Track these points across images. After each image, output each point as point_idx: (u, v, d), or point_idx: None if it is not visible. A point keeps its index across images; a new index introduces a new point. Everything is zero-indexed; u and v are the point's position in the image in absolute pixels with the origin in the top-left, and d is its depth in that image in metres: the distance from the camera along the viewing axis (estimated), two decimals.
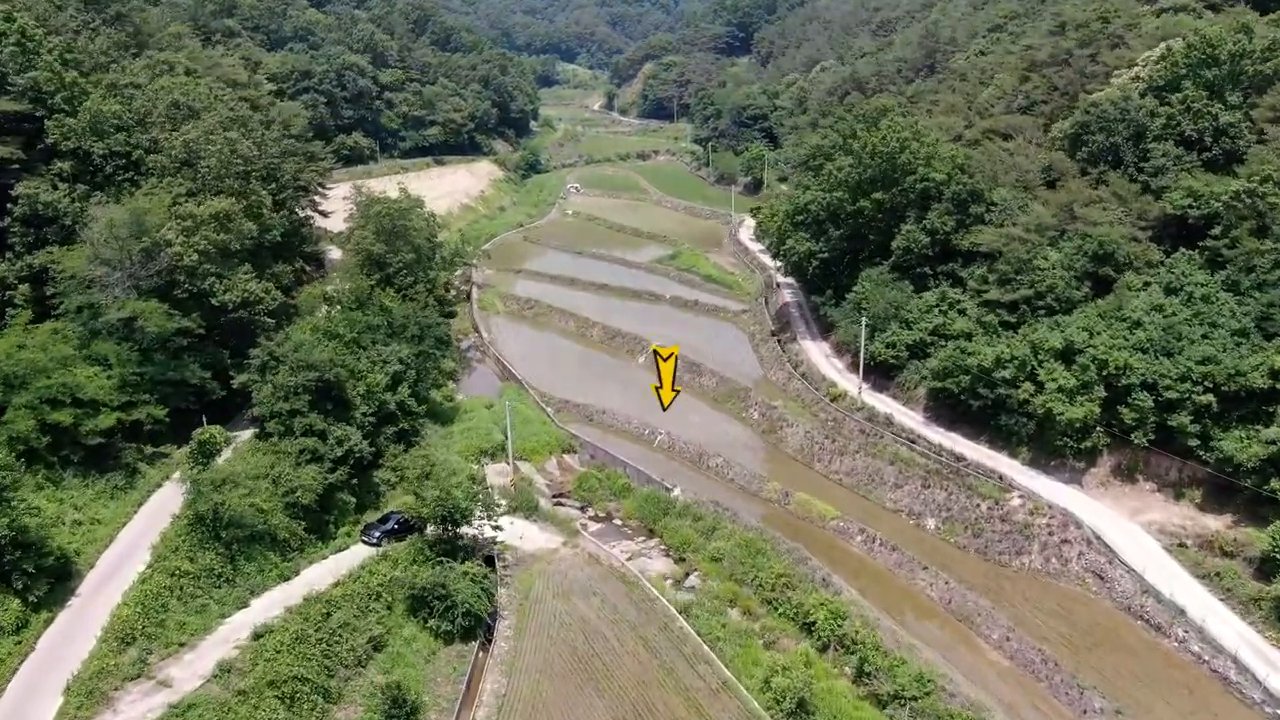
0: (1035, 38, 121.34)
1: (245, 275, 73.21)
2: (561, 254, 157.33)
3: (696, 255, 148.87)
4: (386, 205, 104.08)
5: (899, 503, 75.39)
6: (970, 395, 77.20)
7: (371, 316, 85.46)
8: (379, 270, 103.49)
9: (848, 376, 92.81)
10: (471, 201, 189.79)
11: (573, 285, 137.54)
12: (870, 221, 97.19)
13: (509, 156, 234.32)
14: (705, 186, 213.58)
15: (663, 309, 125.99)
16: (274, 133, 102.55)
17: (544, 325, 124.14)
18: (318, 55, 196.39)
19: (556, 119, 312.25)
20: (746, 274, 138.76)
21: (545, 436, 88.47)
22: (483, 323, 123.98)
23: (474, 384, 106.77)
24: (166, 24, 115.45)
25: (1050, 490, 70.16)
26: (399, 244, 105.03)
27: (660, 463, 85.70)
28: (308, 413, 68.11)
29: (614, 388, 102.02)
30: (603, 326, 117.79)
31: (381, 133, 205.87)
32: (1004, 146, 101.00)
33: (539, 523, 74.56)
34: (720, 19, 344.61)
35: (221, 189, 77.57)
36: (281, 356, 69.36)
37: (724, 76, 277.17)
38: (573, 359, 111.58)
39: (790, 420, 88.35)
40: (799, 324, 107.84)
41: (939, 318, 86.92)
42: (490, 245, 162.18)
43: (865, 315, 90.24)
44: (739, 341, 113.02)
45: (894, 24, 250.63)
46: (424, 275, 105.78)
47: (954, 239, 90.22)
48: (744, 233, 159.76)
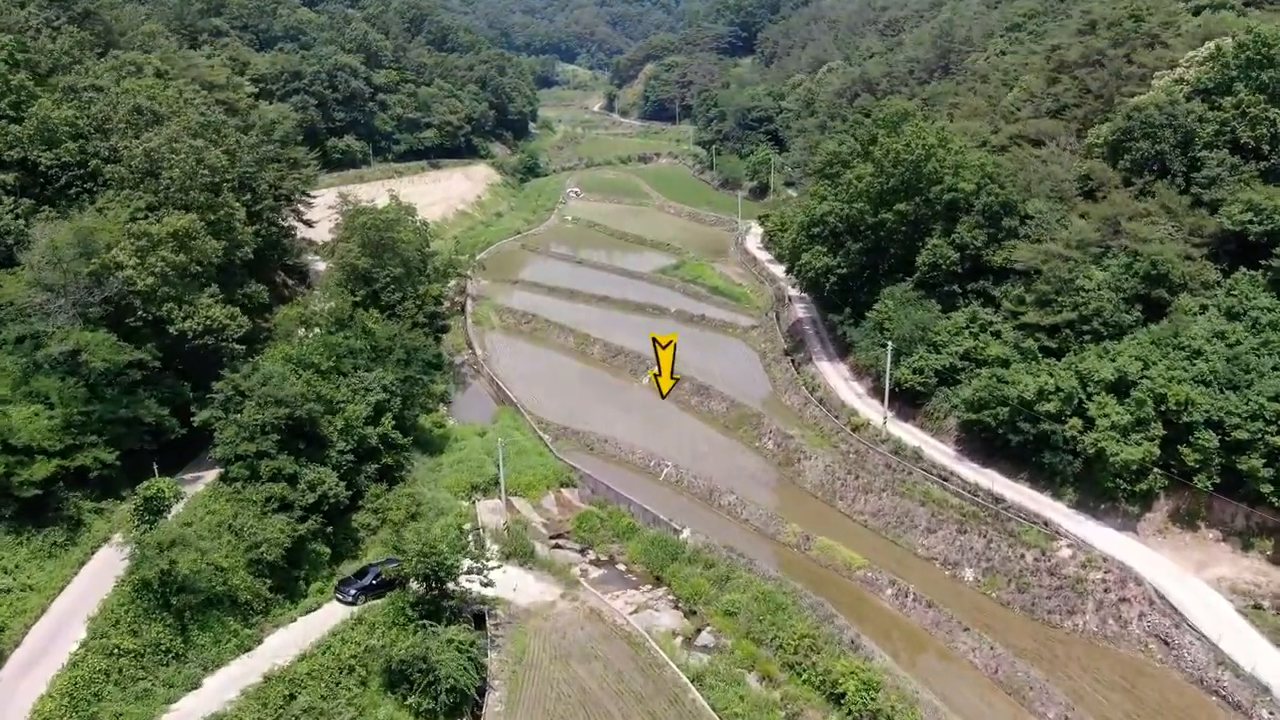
0: (1063, 37, 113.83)
1: (209, 299, 65.75)
2: (560, 263, 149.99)
3: (702, 265, 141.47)
4: (373, 216, 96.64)
5: (932, 549, 68.00)
6: (1009, 429, 69.83)
7: (353, 339, 78.13)
8: (365, 286, 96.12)
9: (869, 403, 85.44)
10: (467, 207, 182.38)
11: (572, 297, 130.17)
12: (891, 234, 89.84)
13: (507, 160, 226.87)
14: (709, 191, 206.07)
15: (667, 324, 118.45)
16: (252, 138, 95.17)
17: (542, 341, 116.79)
18: (309, 55, 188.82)
19: (556, 120, 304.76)
20: (755, 286, 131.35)
21: (542, 469, 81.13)
22: (477, 338, 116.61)
23: (467, 406, 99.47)
24: (140, 22, 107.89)
25: (1102, 538, 62.79)
26: (387, 256, 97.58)
27: (667, 498, 78.41)
28: (276, 454, 60.76)
29: (616, 412, 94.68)
30: (604, 343, 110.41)
31: (375, 135, 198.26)
32: (1035, 154, 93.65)
33: (535, 571, 67.22)
34: (723, 19, 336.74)
35: (186, 203, 70.19)
36: (248, 391, 61.99)
37: (727, 77, 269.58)
38: (572, 379, 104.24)
39: (808, 452, 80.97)
40: (814, 342, 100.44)
41: (970, 340, 79.63)
42: (486, 254, 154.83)
43: (889, 337, 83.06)
44: (749, 361, 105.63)
45: (902, 24, 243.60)
46: (413, 290, 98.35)
47: (985, 255, 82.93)
48: (751, 241, 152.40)
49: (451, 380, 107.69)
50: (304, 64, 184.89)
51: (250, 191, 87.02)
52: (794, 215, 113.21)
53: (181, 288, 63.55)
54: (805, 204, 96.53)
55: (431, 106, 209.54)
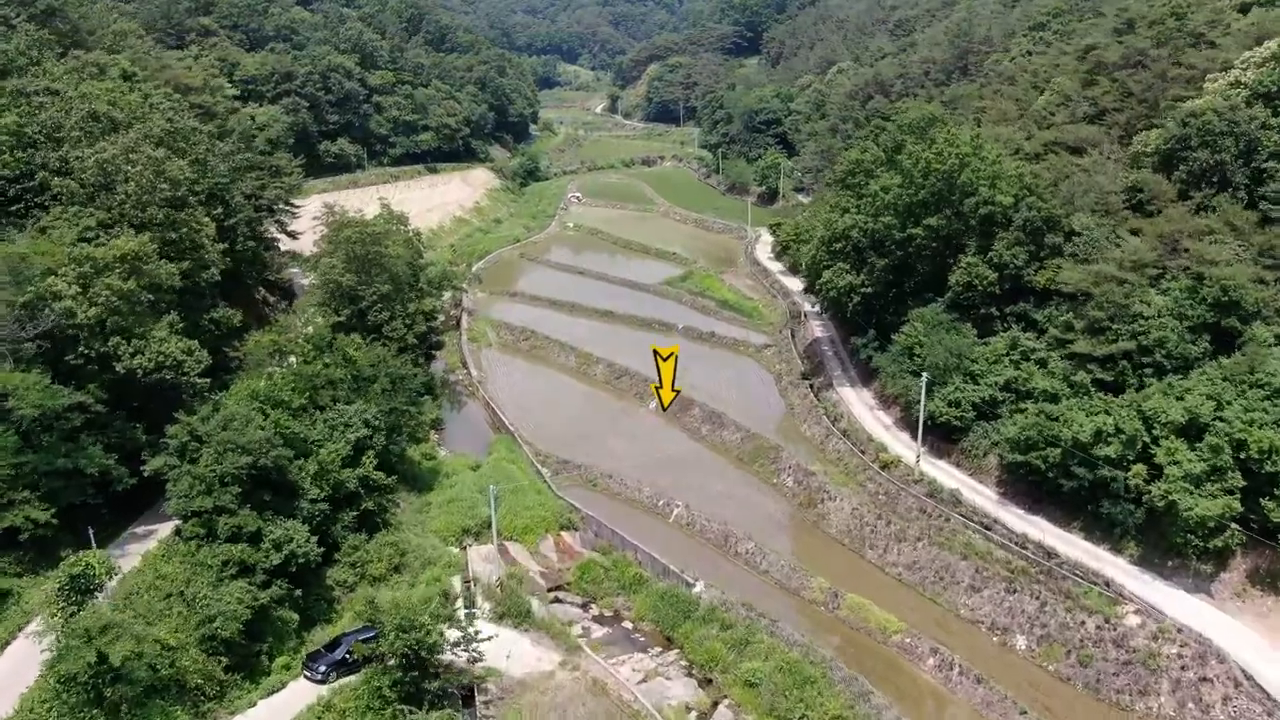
0: (1097, 36, 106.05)
1: (166, 330, 58.10)
2: (561, 273, 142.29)
3: (710, 277, 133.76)
4: (358, 229, 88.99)
5: (978, 611, 60.29)
6: (1061, 474, 62.17)
7: (333, 368, 70.61)
8: (350, 304, 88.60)
9: (898, 436, 77.81)
10: (465, 214, 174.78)
11: (573, 312, 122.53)
12: (920, 251, 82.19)
13: (506, 163, 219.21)
14: (716, 195, 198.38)
15: (675, 341, 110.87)
16: (227, 145, 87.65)
17: (541, 359, 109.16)
18: (301, 56, 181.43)
19: (557, 122, 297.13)
20: (767, 299, 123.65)
21: (540, 510, 73.47)
22: (472, 357, 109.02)
23: (461, 433, 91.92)
24: (111, 21, 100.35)
25: (1173, 603, 55.10)
26: (374, 272, 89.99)
27: (678, 543, 70.82)
28: (237, 509, 53.21)
29: (621, 441, 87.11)
30: (607, 364, 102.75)
31: (370, 139, 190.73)
32: (1076, 162, 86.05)
33: (531, 633, 59.67)
34: (727, 18, 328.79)
35: (143, 220, 62.66)
36: (205, 436, 54.44)
37: (733, 78, 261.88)
38: (573, 403, 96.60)
39: (832, 492, 73.30)
40: (834, 365, 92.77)
41: (1010, 370, 71.99)
42: (484, 263, 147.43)
43: (920, 364, 75.45)
44: (764, 384, 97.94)
45: (913, 23, 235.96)
46: (403, 309, 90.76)
47: (1026, 275, 75.35)
48: (761, 250, 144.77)
49: (446, 399, 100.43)
50: (296, 65, 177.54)
51: (223, 204, 79.46)
52: (812, 227, 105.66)
53: (132, 319, 55.92)
54: (826, 217, 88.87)
55: (429, 108, 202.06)
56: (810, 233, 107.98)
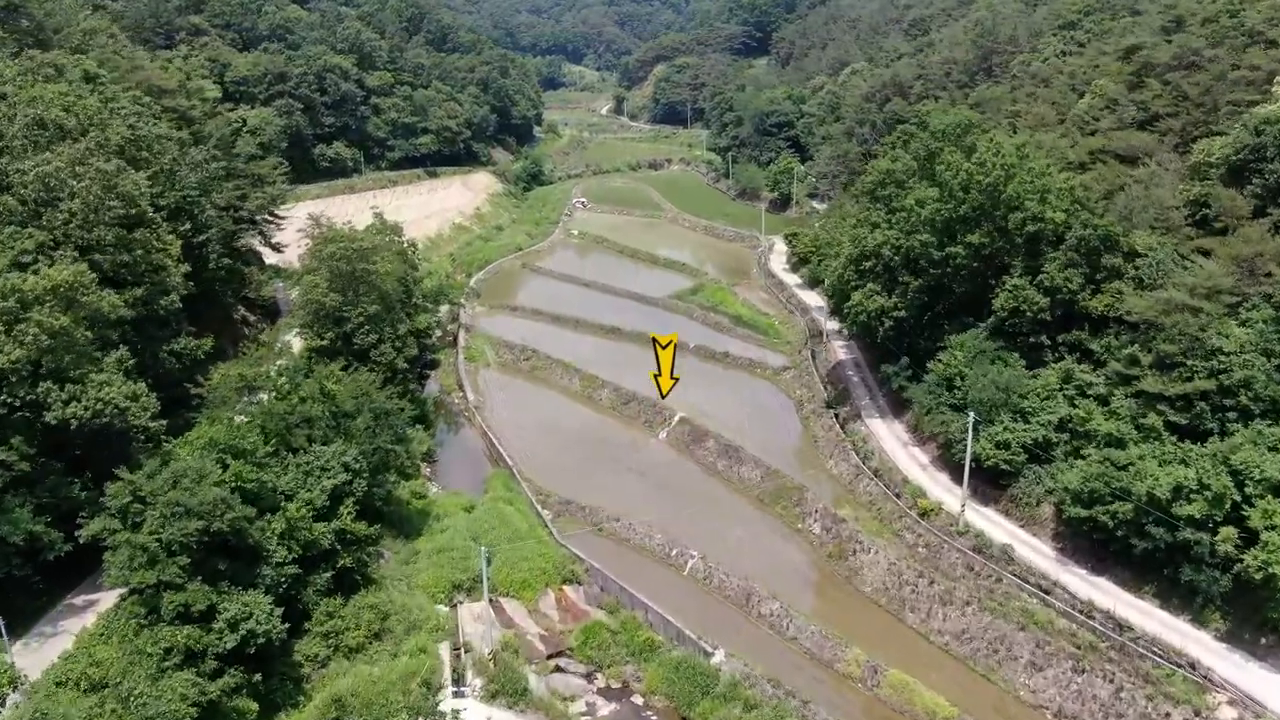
0: (1143, 35, 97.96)
1: (111, 370, 50.45)
2: (564, 285, 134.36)
3: (723, 289, 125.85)
4: (343, 246, 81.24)
5: (1041, 694, 52.38)
6: (1132, 533, 54.34)
7: (310, 405, 62.93)
8: (334, 327, 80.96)
9: (936, 477, 69.92)
10: (465, 220, 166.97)
11: (577, 328, 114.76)
12: (958, 271, 74.28)
13: (509, 166, 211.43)
14: (725, 201, 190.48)
15: (686, 362, 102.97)
16: (200, 154, 79.98)
17: (543, 381, 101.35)
18: (295, 56, 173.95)
19: (562, 123, 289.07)
20: (784, 315, 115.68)
21: (540, 560, 65.58)
22: (469, 378, 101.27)
23: (456, 465, 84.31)
24: (80, 19, 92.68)
25: (1274, 692, 47.31)
26: (362, 290, 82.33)
27: (694, 601, 63.03)
28: (185, 583, 45.57)
29: (629, 478, 79.35)
30: (614, 388, 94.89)
31: (367, 142, 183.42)
32: (1128, 173, 78.18)
33: (528, 714, 52.17)
34: (736, 18, 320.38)
35: (89, 242, 55.04)
36: (150, 496, 46.80)
37: (742, 79, 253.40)
38: (577, 432, 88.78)
39: (865, 543, 65.40)
40: (860, 393, 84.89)
41: (1065, 406, 64.15)
42: (485, 274, 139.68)
43: (961, 398, 67.68)
44: (784, 411, 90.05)
45: (928, 23, 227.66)
46: (392, 331, 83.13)
47: (1081, 300, 67.49)
48: (776, 260, 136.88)
49: (440, 425, 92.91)
50: (290, 65, 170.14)
51: (191, 219, 71.82)
52: (834, 241, 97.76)
53: (68, 359, 48.24)
54: (853, 232, 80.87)
55: (429, 110, 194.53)
56: (833, 247, 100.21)
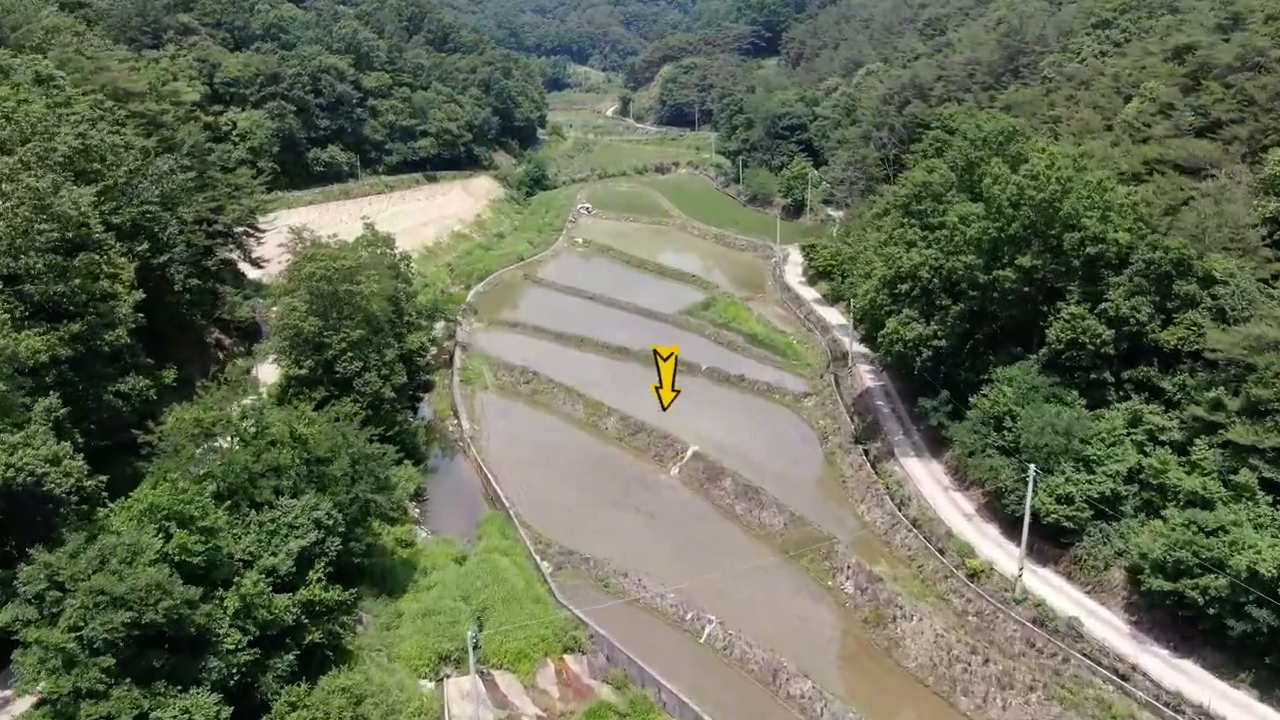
0: (1196, 33, 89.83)
1: (31, 426, 42.74)
2: (568, 298, 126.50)
3: (736, 304, 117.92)
4: (324, 265, 73.41)
5: None
6: (1228, 612, 46.42)
7: (279, 451, 55.19)
8: (314, 354, 73.24)
9: (984, 530, 61.96)
10: (465, 227, 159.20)
11: (581, 346, 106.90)
12: (1005, 296, 66.27)
13: (511, 171, 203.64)
14: (736, 207, 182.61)
15: (699, 385, 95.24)
16: (167, 163, 72.23)
17: (544, 406, 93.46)
18: (289, 56, 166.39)
19: (566, 125, 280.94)
20: (802, 334, 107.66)
21: (538, 626, 57.74)
22: (464, 403, 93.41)
23: (447, 504, 76.55)
24: (41, 16, 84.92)
25: None
26: (345, 313, 74.62)
27: (713, 676, 55.09)
28: (109, 688, 37.87)
29: (638, 523, 71.47)
30: (621, 415, 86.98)
31: (364, 145, 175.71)
32: (1193, 186, 70.23)
33: None
34: (744, 18, 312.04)
35: (16, 271, 47.36)
36: (70, 581, 39.10)
37: (751, 80, 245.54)
38: (580, 466, 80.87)
39: (907, 608, 57.43)
40: (892, 426, 76.92)
41: (1135, 454, 56.24)
42: (483, 285, 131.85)
43: (1013, 440, 59.87)
44: (807, 445, 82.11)
45: (944, 22, 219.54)
46: (378, 358, 75.36)
47: (1149, 332, 59.51)
48: (791, 272, 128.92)
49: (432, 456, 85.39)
50: (283, 65, 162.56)
51: (150, 238, 64.11)
52: (857, 255, 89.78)
53: None
54: (888, 251, 72.84)
55: (428, 112, 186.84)
56: (857, 262, 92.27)
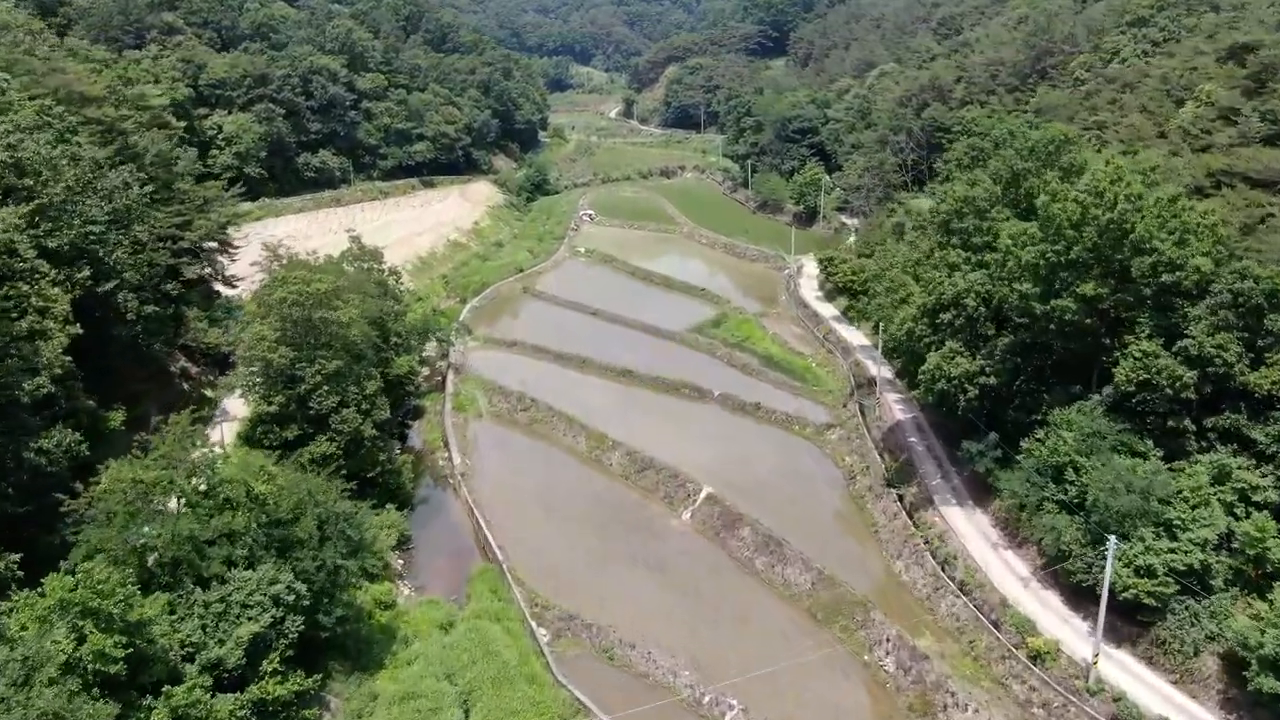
0: (1256, 31, 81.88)
1: None
2: (569, 313, 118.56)
3: (749, 321, 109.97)
4: (298, 289, 65.49)
5: None
6: None
7: (234, 515, 47.40)
8: (286, 388, 65.42)
9: (1044, 598, 53.89)
10: (462, 236, 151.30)
11: (584, 368, 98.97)
12: (1063, 328, 58.19)
13: (511, 175, 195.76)
14: (745, 214, 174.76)
15: (710, 413, 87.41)
16: (120, 176, 64.35)
17: (543, 437, 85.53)
18: (279, 57, 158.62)
19: (569, 127, 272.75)
20: (822, 355, 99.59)
21: (533, 713, 49.90)
22: (456, 433, 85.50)
23: (434, 554, 68.71)
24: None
25: None
26: (321, 341, 66.82)
27: None
28: None
29: (647, 579, 63.45)
30: (627, 450, 79.04)
31: (357, 149, 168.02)
32: (1267, 200, 62.34)
33: None
34: (751, 17, 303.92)
35: None
36: None
37: (759, 81, 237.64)
38: (582, 510, 72.88)
39: (959, 694, 49.39)
40: (928, 468, 68.86)
41: (1224, 517, 48.33)
42: (479, 300, 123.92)
43: (1076, 496, 51.98)
44: (832, 488, 74.08)
45: (959, 21, 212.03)
46: (358, 391, 67.51)
47: (1237, 374, 51.51)
48: (807, 285, 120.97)
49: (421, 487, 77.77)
50: (273, 66, 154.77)
51: (93, 263, 56.27)
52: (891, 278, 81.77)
53: None
54: (928, 275, 64.67)
55: (425, 115, 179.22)
56: (884, 281, 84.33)
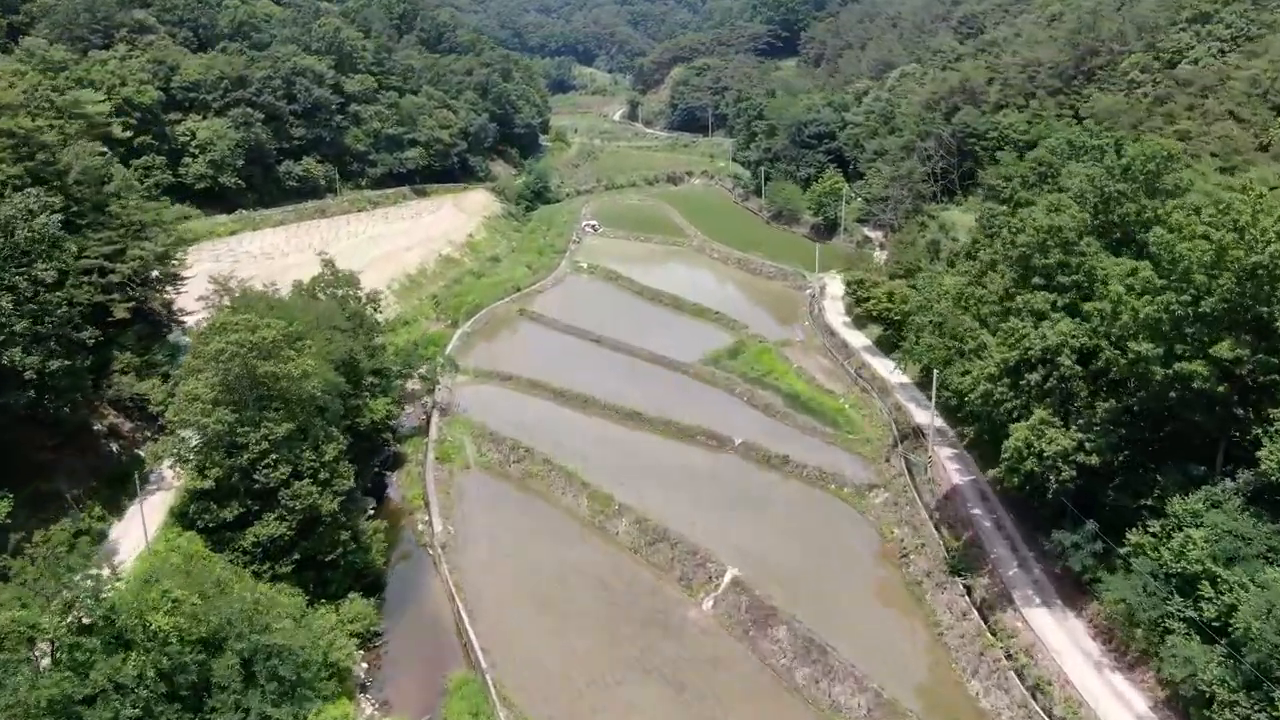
0: None
1: None
2: (570, 340, 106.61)
3: (769, 351, 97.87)
4: (239, 336, 53.52)
5: None
6: None
7: (125, 660, 35.64)
8: (225, 458, 53.54)
9: None
10: (455, 250, 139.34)
11: (586, 408, 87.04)
12: (1185, 396, 46.06)
13: (509, 183, 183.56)
14: (759, 225, 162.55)
15: (731, 466, 75.49)
16: (23, 202, 52.44)
17: (538, 494, 73.51)
18: (260, 57, 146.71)
19: (571, 130, 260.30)
20: (853, 392, 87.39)
21: None
22: (439, 489, 73.58)
23: (405, 654, 56.87)
24: None
25: None
26: (268, 398, 54.98)
27: None
28: None
29: (659, 700, 51.12)
30: (636, 516, 66.98)
31: (344, 156, 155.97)
32: None
33: None
34: (759, 16, 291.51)
35: None
36: None
37: (770, 82, 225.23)
38: (583, 593, 60.62)
39: None
40: (1001, 550, 56.68)
41: None
42: (471, 325, 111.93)
43: (1214, 615, 40.07)
44: (882, 569, 61.77)
45: (981, 19, 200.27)
46: (316, 458, 55.63)
47: None
48: (832, 308, 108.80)
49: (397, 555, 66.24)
50: (253, 68, 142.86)
51: None
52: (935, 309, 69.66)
53: None
54: (1007, 327, 52.24)
55: (418, 119, 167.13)
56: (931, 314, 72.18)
